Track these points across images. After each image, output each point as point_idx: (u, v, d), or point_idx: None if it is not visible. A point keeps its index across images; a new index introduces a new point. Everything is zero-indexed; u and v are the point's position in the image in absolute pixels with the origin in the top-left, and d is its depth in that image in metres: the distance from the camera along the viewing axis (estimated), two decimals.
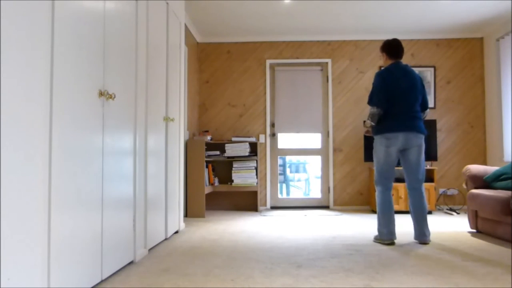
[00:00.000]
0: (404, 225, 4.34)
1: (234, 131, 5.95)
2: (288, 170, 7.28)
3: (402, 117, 3.38)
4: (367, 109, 5.90)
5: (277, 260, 2.83)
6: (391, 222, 3.37)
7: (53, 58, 1.75)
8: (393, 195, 5.30)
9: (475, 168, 4.03)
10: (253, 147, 5.66)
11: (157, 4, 3.29)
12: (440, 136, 5.84)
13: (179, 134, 4.04)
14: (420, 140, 3.41)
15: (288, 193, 7.12)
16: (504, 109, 5.32)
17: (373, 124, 3.47)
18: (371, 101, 3.45)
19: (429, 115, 5.86)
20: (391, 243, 3.37)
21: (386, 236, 3.37)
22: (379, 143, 3.43)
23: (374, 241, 3.49)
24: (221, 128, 5.98)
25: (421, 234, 3.39)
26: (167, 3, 3.61)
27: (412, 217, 3.44)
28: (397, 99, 3.39)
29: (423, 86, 3.50)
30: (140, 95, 2.86)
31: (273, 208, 5.88)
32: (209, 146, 5.79)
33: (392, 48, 3.50)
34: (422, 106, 3.52)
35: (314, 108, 5.96)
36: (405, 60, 5.92)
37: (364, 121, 3.60)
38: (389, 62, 3.54)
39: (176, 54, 3.94)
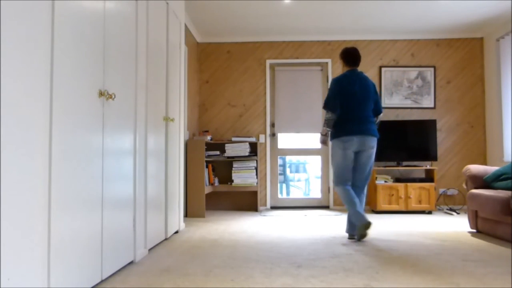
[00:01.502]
0: (404, 225, 4.34)
1: (234, 131, 5.95)
2: (288, 170, 7.28)
3: (357, 121, 3.58)
4: None
5: (277, 260, 2.83)
6: (356, 210, 3.49)
7: (53, 58, 1.75)
8: (392, 195, 5.30)
9: (475, 168, 4.03)
10: (253, 147, 5.67)
11: (157, 4, 3.29)
12: (440, 136, 5.84)
13: (179, 134, 4.04)
14: (373, 143, 3.60)
15: (288, 193, 7.12)
16: (504, 109, 5.32)
17: (329, 130, 3.69)
18: (326, 106, 3.65)
19: (429, 115, 5.86)
20: (368, 223, 3.42)
21: (360, 221, 3.44)
22: (336, 146, 3.62)
23: (353, 238, 3.59)
24: (221, 128, 5.98)
25: (362, 235, 3.51)
26: (167, 3, 3.61)
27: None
28: (351, 104, 3.60)
29: (376, 92, 3.71)
30: (140, 95, 2.86)
31: (273, 208, 5.88)
32: (209, 146, 5.79)
33: (350, 56, 3.70)
34: (375, 111, 3.71)
35: (314, 108, 5.96)
36: (405, 60, 5.93)
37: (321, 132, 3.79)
38: (346, 69, 3.75)
39: (176, 54, 3.94)
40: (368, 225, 3.43)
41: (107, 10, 2.31)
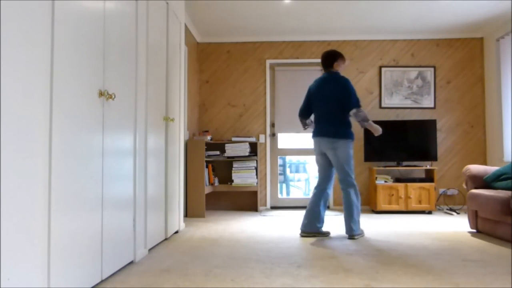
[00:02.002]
0: (404, 225, 4.34)
1: (234, 131, 5.95)
2: (288, 170, 7.28)
3: (318, 123, 3.75)
4: (368, 109, 5.91)
5: (277, 260, 2.83)
6: (310, 216, 3.69)
7: (53, 58, 1.74)
8: (392, 195, 5.30)
9: (475, 168, 4.03)
10: (253, 147, 5.66)
11: (157, 4, 3.29)
12: (440, 136, 5.84)
13: (179, 134, 4.04)
14: (330, 144, 3.62)
15: (288, 193, 7.12)
16: (504, 109, 5.32)
17: (303, 128, 4.01)
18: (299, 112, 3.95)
19: (429, 115, 5.86)
20: (306, 234, 3.69)
21: (301, 226, 3.73)
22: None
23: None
24: (221, 128, 5.98)
25: (349, 229, 3.61)
26: (167, 3, 3.61)
27: (344, 213, 3.69)
28: (316, 107, 3.77)
29: (342, 91, 3.61)
30: (140, 95, 2.86)
31: (273, 208, 5.88)
32: (209, 146, 5.79)
33: (321, 61, 3.82)
34: (345, 109, 3.63)
35: None
36: (405, 60, 5.92)
37: None
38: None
39: (176, 54, 3.94)
40: (351, 238, 3.59)
41: (107, 10, 2.31)
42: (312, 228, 3.69)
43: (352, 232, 3.59)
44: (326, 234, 3.72)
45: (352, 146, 3.70)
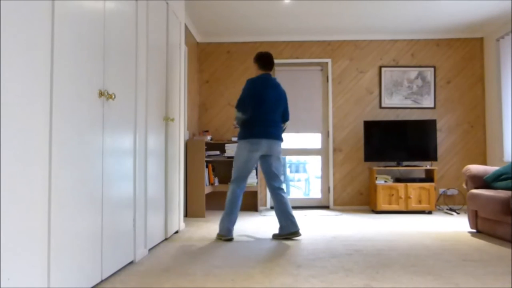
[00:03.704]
0: (404, 225, 4.34)
1: (234, 131, 5.95)
2: (288, 170, 7.28)
3: (267, 125, 3.63)
4: (368, 109, 5.91)
5: (277, 260, 2.83)
6: (231, 220, 3.59)
7: (53, 58, 1.74)
8: (392, 195, 5.30)
9: (475, 168, 4.03)
10: None
11: (157, 4, 3.29)
12: (440, 136, 5.84)
13: (179, 134, 4.04)
14: (279, 147, 3.71)
15: (288, 193, 7.12)
16: (504, 109, 5.32)
17: (236, 125, 3.80)
18: (238, 106, 3.66)
19: (429, 115, 5.86)
20: (229, 239, 3.57)
21: (225, 232, 3.57)
22: (243, 147, 3.63)
23: (217, 238, 3.65)
24: (221, 128, 5.98)
25: (293, 225, 3.60)
26: (167, 3, 3.61)
27: (278, 214, 3.65)
28: (263, 108, 3.62)
29: (286, 100, 3.79)
30: (140, 95, 2.86)
31: (273, 208, 5.88)
32: (209, 146, 5.79)
33: (264, 60, 3.73)
34: (283, 118, 3.81)
35: (314, 108, 5.96)
36: (405, 60, 5.92)
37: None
38: (260, 72, 3.76)
39: (176, 54, 3.94)
40: (223, 238, 3.56)
41: (107, 10, 2.31)
42: (230, 233, 3.56)
43: (296, 227, 3.60)
44: (231, 238, 3.58)
45: None
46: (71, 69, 1.90)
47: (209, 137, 5.40)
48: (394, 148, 5.58)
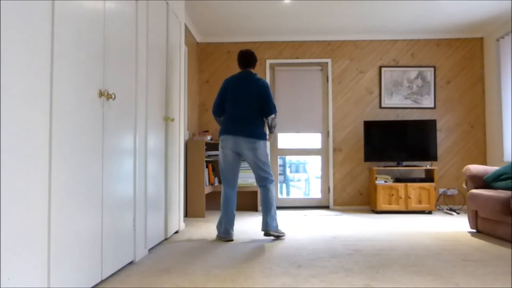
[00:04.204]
0: (404, 225, 4.34)
1: None
2: (288, 170, 7.28)
3: (234, 121, 3.59)
4: (368, 109, 5.91)
5: (277, 260, 2.83)
6: (227, 221, 3.57)
7: (53, 58, 1.74)
8: (392, 195, 5.30)
9: (475, 168, 4.03)
10: None
11: (157, 4, 3.29)
12: (440, 136, 5.84)
13: (179, 134, 4.04)
14: (250, 144, 3.54)
15: (288, 193, 7.12)
16: (504, 109, 5.32)
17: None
18: (212, 111, 3.78)
19: (429, 115, 5.86)
20: (229, 240, 3.54)
21: (223, 234, 3.56)
22: (219, 145, 3.68)
23: (216, 239, 3.62)
24: None
25: (265, 224, 3.57)
26: (167, 3, 3.61)
27: (262, 210, 3.64)
28: (232, 105, 3.62)
29: (265, 94, 3.59)
30: (140, 95, 2.86)
31: None
32: (209, 146, 5.79)
33: (240, 58, 3.74)
34: (264, 113, 3.62)
35: (314, 108, 5.96)
36: (405, 60, 5.92)
37: None
38: (240, 70, 3.78)
39: (176, 54, 3.94)
40: (223, 240, 3.54)
41: (107, 10, 2.31)
42: (231, 234, 3.57)
43: (268, 227, 3.55)
44: (231, 240, 3.58)
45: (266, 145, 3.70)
46: (71, 69, 1.90)
47: (209, 137, 5.40)
48: (394, 148, 5.58)
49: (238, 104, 3.59)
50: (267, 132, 3.82)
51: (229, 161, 3.61)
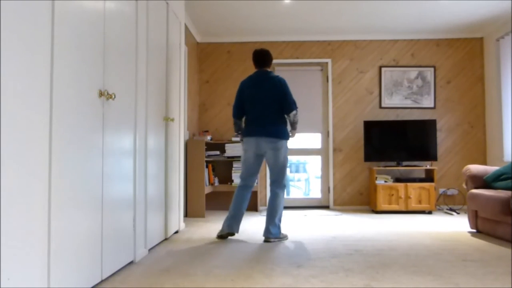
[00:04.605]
0: (404, 225, 4.34)
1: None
2: (288, 170, 7.28)
3: (254, 123, 3.58)
4: (368, 109, 5.91)
5: (277, 260, 2.83)
6: (232, 216, 3.56)
7: (53, 58, 1.74)
8: (392, 195, 5.30)
9: (475, 168, 4.03)
10: None
11: (157, 4, 3.29)
12: (440, 136, 5.84)
13: (179, 134, 4.04)
14: (272, 144, 3.51)
15: (288, 193, 7.12)
16: (504, 109, 5.32)
17: (235, 134, 3.82)
18: (232, 113, 3.77)
19: (429, 115, 5.86)
20: (228, 234, 3.57)
21: (223, 226, 3.58)
22: (242, 147, 3.70)
23: (216, 237, 3.63)
24: (221, 128, 5.98)
25: (266, 230, 3.51)
26: (167, 3, 3.61)
27: (266, 214, 3.60)
28: (251, 106, 3.61)
29: (283, 92, 3.54)
30: (140, 95, 2.86)
31: None
32: (209, 146, 5.79)
33: (253, 58, 3.71)
34: (285, 110, 3.57)
35: (314, 108, 5.96)
36: (405, 60, 5.92)
37: None
38: (255, 70, 3.78)
39: (176, 54, 3.94)
40: (224, 234, 3.55)
41: (107, 10, 2.31)
42: (234, 229, 3.57)
43: (269, 234, 3.48)
44: (229, 233, 3.61)
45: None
46: (71, 69, 1.90)
47: (209, 137, 5.40)
48: (394, 148, 5.58)
49: (256, 104, 3.57)
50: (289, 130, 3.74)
51: (250, 163, 3.65)
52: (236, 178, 5.47)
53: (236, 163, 5.51)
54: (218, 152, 5.50)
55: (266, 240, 3.49)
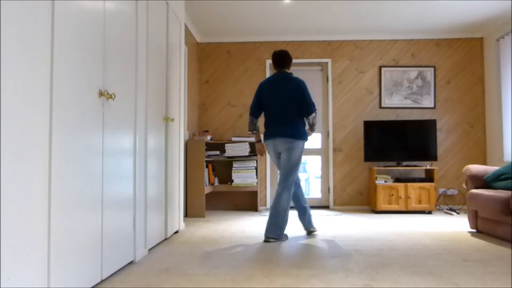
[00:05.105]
0: (404, 225, 4.34)
1: (234, 131, 5.95)
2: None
3: (272, 124, 3.61)
4: (368, 109, 5.91)
5: (277, 260, 2.83)
6: (270, 218, 3.51)
7: (53, 58, 1.74)
8: (392, 195, 5.30)
9: (475, 168, 4.03)
10: (253, 147, 5.66)
11: (157, 4, 3.29)
12: (440, 136, 5.84)
13: (179, 134, 4.04)
14: (288, 144, 3.54)
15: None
16: (504, 109, 5.32)
17: (252, 132, 3.77)
18: (249, 110, 3.78)
19: (429, 115, 5.86)
20: (266, 240, 3.46)
21: (265, 232, 3.51)
22: (267, 148, 3.73)
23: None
24: (221, 128, 5.98)
25: (267, 230, 3.49)
26: (167, 3, 3.61)
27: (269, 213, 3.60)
28: (269, 108, 3.64)
29: (302, 94, 3.55)
30: (140, 95, 2.86)
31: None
32: (209, 146, 5.79)
33: (274, 59, 3.73)
34: (304, 112, 3.58)
35: None
36: (405, 60, 5.92)
37: None
38: (275, 71, 3.77)
39: (176, 54, 3.94)
40: (266, 240, 3.46)
41: (107, 10, 2.31)
42: (268, 232, 3.50)
43: (269, 234, 3.47)
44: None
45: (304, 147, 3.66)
46: (71, 69, 1.90)
47: (209, 137, 5.40)
48: (394, 148, 5.58)
49: (274, 106, 3.60)
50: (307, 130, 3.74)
51: (277, 163, 3.71)
52: (236, 178, 5.47)
53: (236, 163, 5.52)
54: (218, 152, 5.50)
55: (266, 240, 3.48)
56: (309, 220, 3.80)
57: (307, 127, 3.70)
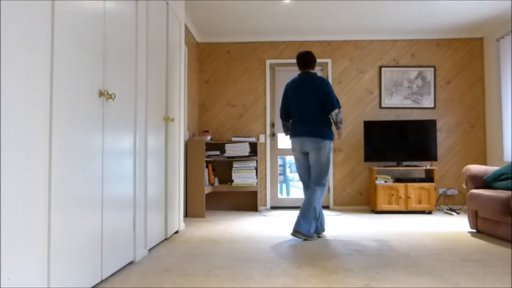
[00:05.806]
0: (404, 225, 4.34)
1: (234, 131, 5.95)
2: (288, 170, 7.28)
3: (298, 123, 3.67)
4: (368, 109, 5.91)
5: (277, 260, 2.83)
6: (299, 216, 3.53)
7: (53, 58, 1.74)
8: (392, 195, 5.30)
9: (475, 168, 4.03)
10: (253, 147, 5.66)
11: (157, 4, 3.29)
12: (440, 136, 5.84)
13: (179, 134, 4.04)
14: (315, 144, 3.59)
15: (288, 193, 7.12)
16: (504, 109, 5.32)
17: (287, 136, 3.88)
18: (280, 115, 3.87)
19: (429, 115, 5.86)
20: (294, 235, 3.48)
21: (293, 227, 3.54)
22: (291, 146, 3.78)
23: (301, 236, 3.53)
24: (221, 128, 5.98)
25: (297, 224, 3.50)
26: (167, 3, 3.61)
27: (300, 209, 3.61)
28: (295, 108, 3.70)
29: (325, 91, 3.59)
30: (140, 95, 2.86)
31: (273, 208, 5.88)
32: (209, 146, 5.79)
33: (298, 60, 3.79)
34: (326, 109, 3.60)
35: None
36: (405, 60, 5.92)
37: None
38: (300, 72, 3.83)
39: (176, 54, 3.94)
40: (294, 234, 3.47)
41: (107, 10, 2.31)
42: (296, 226, 3.52)
43: (299, 228, 3.46)
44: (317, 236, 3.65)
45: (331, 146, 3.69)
46: (71, 69, 1.90)
47: (209, 137, 5.40)
48: (394, 148, 5.58)
49: (300, 105, 3.65)
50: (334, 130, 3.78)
51: (301, 163, 3.74)
52: (236, 178, 5.47)
53: (236, 163, 5.52)
54: (218, 152, 5.50)
55: (294, 234, 3.47)
56: (321, 223, 3.72)
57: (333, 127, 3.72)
